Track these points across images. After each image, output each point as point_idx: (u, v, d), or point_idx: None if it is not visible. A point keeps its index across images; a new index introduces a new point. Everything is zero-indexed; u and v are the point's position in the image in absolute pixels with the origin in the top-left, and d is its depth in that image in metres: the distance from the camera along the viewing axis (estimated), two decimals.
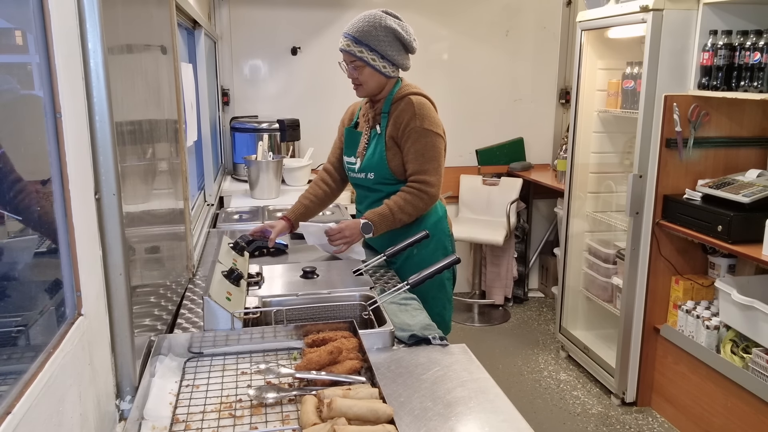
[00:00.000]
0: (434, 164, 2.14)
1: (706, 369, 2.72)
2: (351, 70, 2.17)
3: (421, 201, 2.13)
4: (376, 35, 2.09)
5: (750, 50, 2.51)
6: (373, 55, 2.12)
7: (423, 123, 2.12)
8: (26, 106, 0.99)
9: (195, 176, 3.07)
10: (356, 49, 2.11)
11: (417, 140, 2.12)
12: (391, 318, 1.62)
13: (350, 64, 2.16)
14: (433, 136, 2.13)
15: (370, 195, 2.28)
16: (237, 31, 4.17)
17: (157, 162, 1.64)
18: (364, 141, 2.26)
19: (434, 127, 2.13)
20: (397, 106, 2.17)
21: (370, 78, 2.16)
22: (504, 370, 3.61)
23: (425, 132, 2.12)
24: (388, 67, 2.15)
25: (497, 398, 1.30)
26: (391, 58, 2.14)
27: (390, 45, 2.12)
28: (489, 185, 4.49)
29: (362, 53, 2.11)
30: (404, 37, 2.12)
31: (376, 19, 2.10)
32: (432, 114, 2.15)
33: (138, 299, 1.30)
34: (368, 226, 2.11)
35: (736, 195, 2.60)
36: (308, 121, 4.10)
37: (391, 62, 2.14)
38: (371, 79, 2.16)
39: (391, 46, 2.12)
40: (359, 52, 2.11)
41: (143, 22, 1.55)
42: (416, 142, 2.12)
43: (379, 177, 2.21)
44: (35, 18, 0.92)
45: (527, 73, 4.61)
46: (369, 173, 2.23)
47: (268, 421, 1.17)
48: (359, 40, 2.10)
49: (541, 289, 4.85)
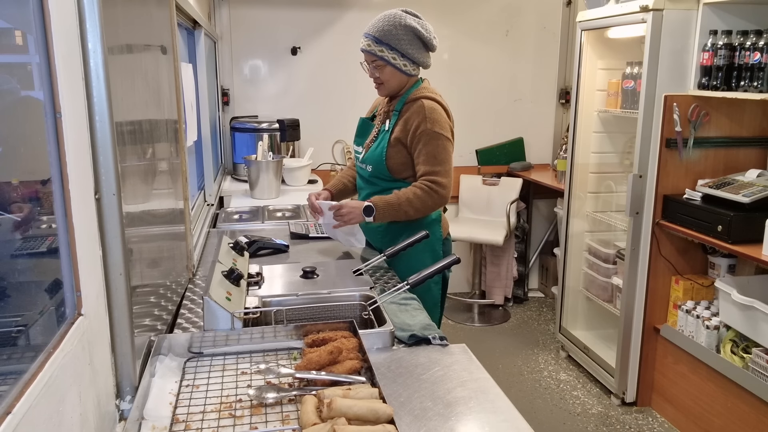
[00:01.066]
0: (446, 167, 2.17)
1: (706, 369, 2.72)
2: (372, 70, 2.21)
3: (430, 199, 2.14)
4: (396, 34, 2.12)
5: (750, 50, 2.51)
6: (394, 54, 2.15)
7: (434, 126, 2.14)
8: (26, 106, 0.99)
9: (195, 176, 3.07)
10: (377, 48, 2.14)
11: (428, 143, 2.14)
12: (391, 318, 1.62)
13: (371, 63, 2.19)
14: (443, 139, 2.16)
15: (367, 187, 2.31)
16: (237, 31, 4.17)
17: (157, 162, 1.64)
18: (373, 134, 2.30)
19: (444, 131, 2.16)
20: (409, 107, 2.19)
21: (391, 77, 2.19)
22: (504, 370, 3.61)
23: (436, 135, 2.14)
24: (409, 65, 2.18)
25: (497, 398, 1.30)
26: (412, 57, 2.16)
27: (410, 43, 2.15)
28: (489, 185, 4.49)
29: (382, 52, 2.14)
30: (424, 35, 2.15)
31: (397, 18, 2.13)
32: (442, 118, 2.17)
33: (138, 299, 1.30)
34: (370, 208, 2.13)
35: (736, 195, 2.60)
36: (308, 121, 4.10)
37: (411, 60, 2.17)
38: (392, 77, 2.19)
39: (411, 44, 2.15)
40: (380, 51, 2.14)
41: (143, 22, 1.55)
42: (427, 144, 2.14)
43: (376, 171, 2.25)
44: (35, 18, 0.92)
45: (527, 73, 4.61)
46: (368, 165, 2.27)
47: (268, 421, 1.17)
48: (380, 39, 2.14)
49: (541, 289, 4.85)
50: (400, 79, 2.20)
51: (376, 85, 2.25)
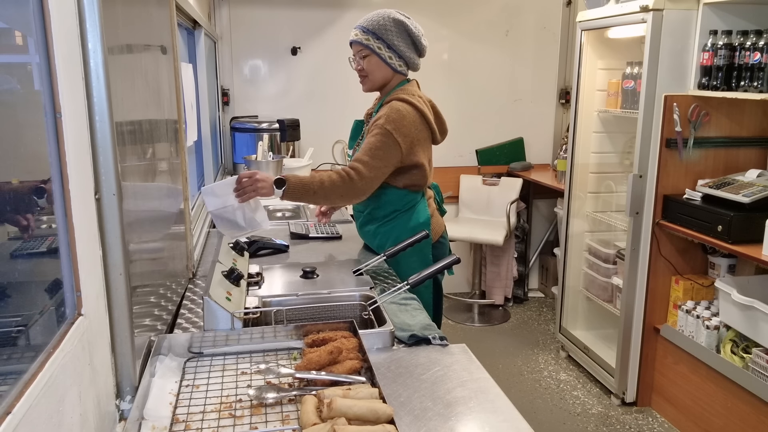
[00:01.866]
0: (377, 162, 2.07)
1: (706, 369, 2.72)
2: (358, 61, 2.20)
3: (343, 185, 2.04)
4: (384, 24, 2.13)
5: (750, 50, 2.51)
6: (380, 44, 2.14)
7: (387, 124, 2.08)
8: (26, 106, 0.99)
9: (195, 176, 3.07)
10: (363, 37, 2.15)
11: (376, 135, 2.09)
12: (391, 318, 1.62)
13: (357, 54, 2.19)
14: (389, 137, 2.08)
15: None
16: (237, 31, 4.17)
17: (157, 162, 1.64)
18: (361, 136, 2.31)
19: (395, 132, 2.08)
20: (385, 107, 2.16)
21: (376, 68, 2.18)
22: (504, 370, 3.61)
23: (384, 131, 2.08)
24: (395, 58, 2.17)
25: (497, 398, 1.30)
26: (398, 50, 2.16)
27: (397, 36, 2.14)
28: (489, 185, 4.49)
29: (369, 41, 2.14)
30: (413, 31, 2.15)
31: (387, 12, 2.15)
32: (406, 122, 2.10)
33: (138, 299, 1.30)
34: (281, 181, 2.00)
35: (736, 195, 2.60)
36: (308, 121, 4.11)
37: (397, 54, 2.16)
38: (377, 69, 2.18)
39: (398, 37, 2.15)
40: (366, 40, 2.15)
41: (143, 22, 1.55)
42: (372, 136, 2.10)
43: None
44: (35, 18, 0.92)
45: (527, 73, 4.61)
46: None
47: (268, 421, 1.17)
48: (367, 29, 2.14)
49: (541, 289, 4.85)
50: (384, 73, 2.18)
51: (361, 79, 2.22)
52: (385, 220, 2.22)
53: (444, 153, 4.42)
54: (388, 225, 2.22)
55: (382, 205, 2.21)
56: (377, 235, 2.26)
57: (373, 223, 2.26)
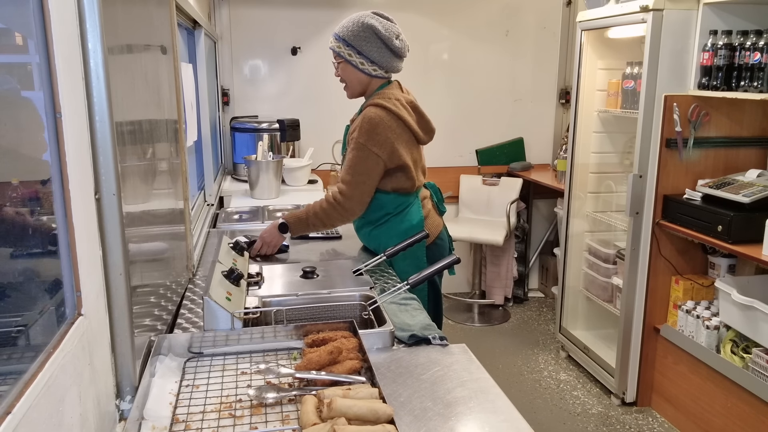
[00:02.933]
0: (358, 179, 2.11)
1: (706, 369, 2.72)
2: (336, 68, 2.20)
3: (334, 211, 2.15)
4: (353, 30, 2.11)
5: (750, 50, 2.51)
6: (350, 50, 2.13)
7: (361, 137, 2.09)
8: (26, 106, 0.98)
9: (195, 176, 3.07)
10: (335, 45, 2.15)
11: (352, 151, 2.13)
12: (391, 318, 1.62)
13: (334, 61, 2.20)
14: (365, 151, 2.09)
15: None
16: (237, 31, 4.17)
17: (157, 162, 1.64)
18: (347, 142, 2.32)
19: (370, 144, 2.08)
20: (360, 115, 2.17)
21: (351, 75, 2.18)
22: (504, 370, 3.60)
23: (359, 145, 2.10)
24: (367, 64, 2.14)
25: (497, 398, 1.30)
26: (369, 55, 2.13)
27: (366, 41, 2.11)
28: (489, 185, 4.49)
29: (340, 48, 2.14)
30: (383, 35, 2.10)
31: (359, 17, 2.13)
32: (379, 129, 2.08)
33: (138, 299, 1.30)
34: (284, 226, 2.20)
35: (736, 195, 2.60)
36: (308, 121, 4.10)
37: (369, 60, 2.14)
38: (352, 76, 2.18)
39: (368, 42, 2.11)
40: (338, 47, 2.15)
41: (143, 22, 1.55)
42: (351, 152, 2.13)
43: None
44: (35, 18, 0.92)
45: (527, 73, 4.61)
46: None
47: (268, 421, 1.17)
48: (339, 36, 2.14)
49: (541, 289, 4.85)
50: (359, 79, 2.18)
51: (344, 87, 2.24)
52: (378, 224, 2.23)
53: (444, 153, 4.43)
54: (380, 228, 2.23)
55: (373, 208, 2.21)
56: (372, 238, 2.28)
57: (368, 227, 2.27)
